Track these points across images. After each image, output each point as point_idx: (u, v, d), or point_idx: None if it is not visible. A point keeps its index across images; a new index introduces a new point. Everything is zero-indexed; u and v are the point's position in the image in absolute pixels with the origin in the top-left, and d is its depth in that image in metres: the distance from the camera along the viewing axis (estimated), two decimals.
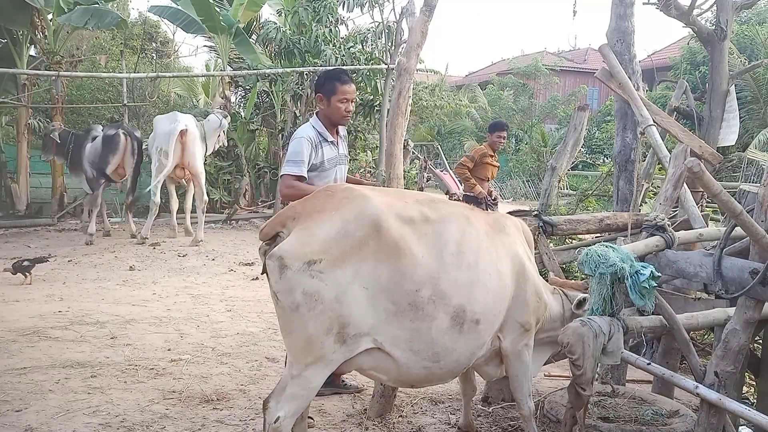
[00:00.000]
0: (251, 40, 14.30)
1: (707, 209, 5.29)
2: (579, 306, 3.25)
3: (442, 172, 11.56)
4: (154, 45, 21.20)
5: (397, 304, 2.71)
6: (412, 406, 4.14)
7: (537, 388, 4.36)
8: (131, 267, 8.26)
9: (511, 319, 3.10)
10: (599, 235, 5.20)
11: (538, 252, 4.25)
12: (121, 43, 16.88)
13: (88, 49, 18.26)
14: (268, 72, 12.49)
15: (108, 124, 11.84)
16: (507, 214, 3.78)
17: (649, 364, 3.38)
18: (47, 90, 13.66)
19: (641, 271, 3.03)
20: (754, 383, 4.07)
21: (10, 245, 9.73)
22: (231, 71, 14.21)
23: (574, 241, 6.52)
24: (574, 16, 21.21)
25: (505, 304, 3.04)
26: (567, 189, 13.93)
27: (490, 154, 7.36)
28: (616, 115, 5.61)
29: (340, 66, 11.50)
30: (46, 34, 13.01)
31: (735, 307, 3.00)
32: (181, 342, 5.26)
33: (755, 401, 3.85)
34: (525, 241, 3.32)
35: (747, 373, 3.94)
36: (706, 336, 5.22)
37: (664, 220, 3.62)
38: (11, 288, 6.88)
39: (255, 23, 15.20)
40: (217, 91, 14.85)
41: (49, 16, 12.77)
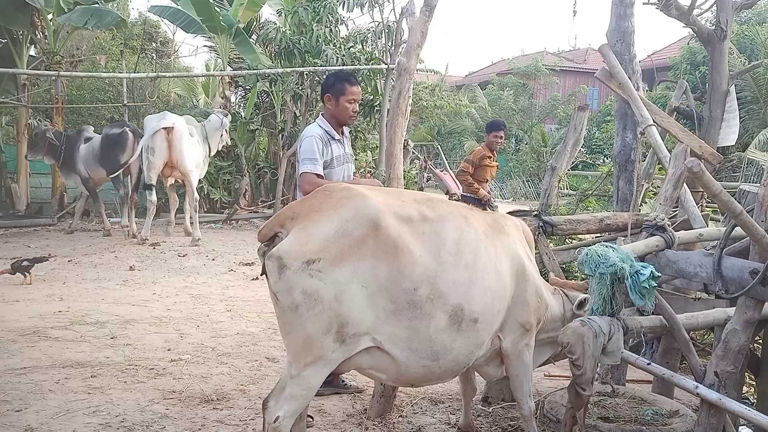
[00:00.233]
0: (251, 40, 14.30)
1: (707, 209, 5.30)
2: (580, 306, 3.24)
3: (441, 172, 11.54)
4: (154, 45, 21.18)
5: (396, 302, 2.71)
6: (412, 406, 4.14)
7: (537, 388, 4.36)
8: (131, 267, 8.26)
9: (511, 318, 3.10)
10: (599, 235, 5.20)
11: (538, 252, 4.25)
12: (121, 43, 16.88)
13: (88, 49, 18.27)
14: (268, 72, 12.49)
15: (109, 124, 11.85)
16: (507, 214, 3.78)
17: (649, 364, 3.38)
18: (47, 90, 13.67)
19: (641, 271, 3.03)
20: (754, 383, 4.06)
21: (10, 245, 9.72)
22: (231, 71, 14.22)
23: (574, 241, 6.52)
24: (574, 16, 21.22)
25: (505, 304, 3.04)
26: (567, 189, 13.95)
27: (488, 155, 7.33)
28: (616, 115, 5.61)
29: (340, 66, 11.51)
30: (46, 34, 13.02)
31: (735, 307, 3.00)
32: (181, 342, 5.26)
33: (755, 401, 3.85)
34: (525, 241, 3.32)
35: (747, 373, 3.94)
36: (706, 336, 5.22)
37: (664, 220, 3.62)
38: (11, 288, 6.88)
39: (255, 23, 15.19)
40: (217, 91, 14.85)
41: (49, 16, 12.78)
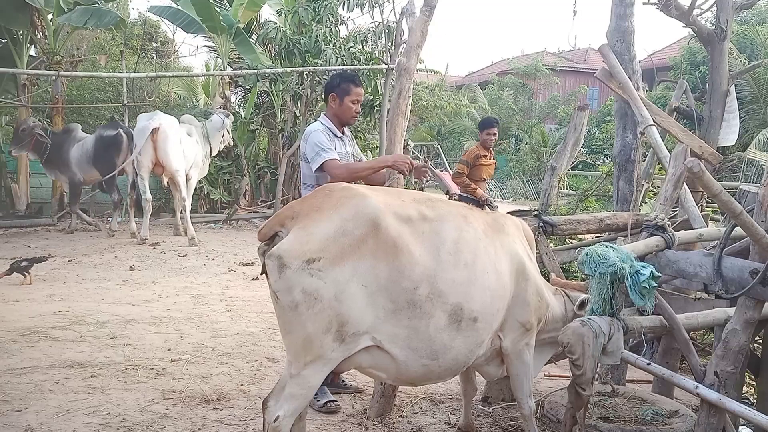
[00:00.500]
0: (251, 40, 14.30)
1: (707, 209, 5.29)
2: (581, 307, 3.24)
3: (441, 172, 11.53)
4: (154, 45, 21.18)
5: (395, 302, 2.72)
6: (412, 406, 4.14)
7: (537, 388, 4.36)
8: (131, 267, 8.26)
9: (511, 318, 3.10)
10: (599, 235, 5.20)
11: (538, 252, 4.24)
12: (121, 43, 16.88)
13: (88, 49, 18.27)
14: (268, 72, 12.48)
15: (103, 125, 11.83)
16: (507, 213, 3.78)
17: (649, 364, 3.38)
18: (47, 90, 13.67)
19: (641, 271, 3.03)
20: (754, 383, 4.06)
21: (10, 245, 9.72)
22: (231, 71, 14.22)
23: (574, 241, 6.52)
24: (574, 16, 21.15)
25: (505, 303, 3.04)
26: (567, 189, 13.94)
27: (483, 154, 7.21)
28: (616, 115, 5.61)
29: (340, 66, 11.50)
30: (46, 34, 13.01)
31: (735, 307, 3.00)
32: (181, 342, 5.26)
33: (755, 401, 3.85)
34: (525, 241, 3.32)
35: (747, 373, 3.94)
36: (706, 336, 5.22)
37: (664, 220, 3.62)
38: (11, 288, 6.87)
39: (255, 23, 15.19)
40: (217, 91, 14.86)
41: (49, 16, 12.78)
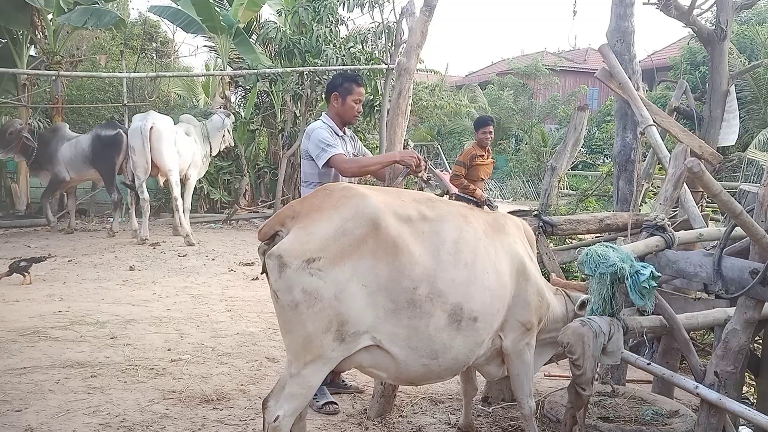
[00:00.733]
0: (251, 40, 14.31)
1: (707, 209, 5.29)
2: (582, 307, 3.24)
3: (441, 172, 11.52)
4: (154, 45, 21.18)
5: (395, 301, 2.72)
6: (412, 406, 4.14)
7: (537, 388, 4.36)
8: (131, 267, 8.26)
9: (512, 318, 3.10)
10: (599, 235, 5.20)
11: (539, 252, 4.24)
12: (121, 43, 16.88)
13: (88, 49, 18.26)
14: (268, 72, 12.49)
15: (100, 124, 11.83)
16: (507, 213, 3.78)
17: (649, 364, 3.38)
18: (47, 90, 13.67)
19: (641, 271, 3.03)
20: (754, 383, 4.06)
21: (10, 245, 9.73)
22: (231, 71, 14.22)
23: (574, 241, 6.52)
24: (574, 16, 21.20)
25: (505, 303, 3.05)
26: (567, 189, 13.93)
27: (480, 154, 7.08)
28: (616, 115, 5.61)
29: (340, 66, 11.50)
30: (46, 34, 13.02)
31: (735, 307, 3.00)
32: (181, 342, 5.26)
33: (755, 401, 3.85)
34: (526, 241, 3.31)
35: (747, 373, 3.94)
36: (706, 336, 5.21)
37: (664, 220, 3.62)
38: (11, 288, 6.88)
39: (255, 23, 15.19)
40: (217, 91, 14.87)
41: (49, 16, 12.79)
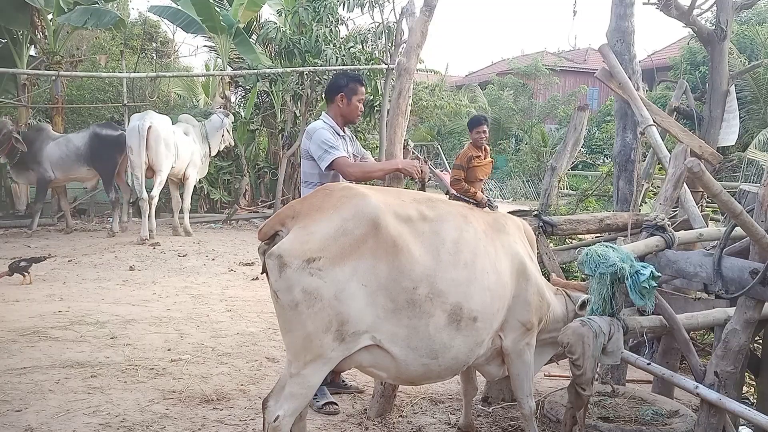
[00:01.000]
0: (251, 40, 14.30)
1: (707, 209, 5.30)
2: (582, 307, 3.24)
3: (442, 172, 11.52)
4: (154, 45, 21.17)
5: (395, 301, 2.72)
6: (412, 406, 4.14)
7: (537, 388, 4.36)
8: (131, 267, 8.26)
9: (512, 318, 3.10)
10: (599, 235, 5.20)
11: (539, 252, 4.25)
12: (121, 43, 16.87)
13: (88, 49, 18.27)
14: (268, 72, 12.49)
15: (97, 124, 11.83)
16: (508, 213, 3.78)
17: (649, 364, 3.38)
18: (47, 90, 13.67)
19: (641, 271, 3.03)
20: (754, 383, 4.06)
21: (10, 245, 9.73)
22: (231, 71, 14.22)
23: (574, 241, 6.52)
24: (574, 16, 21.22)
25: (505, 303, 3.05)
26: (567, 189, 13.93)
27: (476, 155, 6.96)
28: (616, 115, 5.61)
29: (340, 66, 11.50)
30: (46, 34, 13.02)
31: (735, 307, 3.00)
32: (181, 342, 5.26)
33: (755, 401, 3.85)
34: (526, 241, 3.32)
35: (747, 373, 3.94)
36: (706, 336, 5.21)
37: (664, 220, 3.62)
38: (11, 288, 6.87)
39: (255, 23, 15.19)
40: (217, 91, 14.86)
41: (49, 16, 12.78)
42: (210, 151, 11.48)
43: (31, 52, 13.75)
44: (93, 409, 3.82)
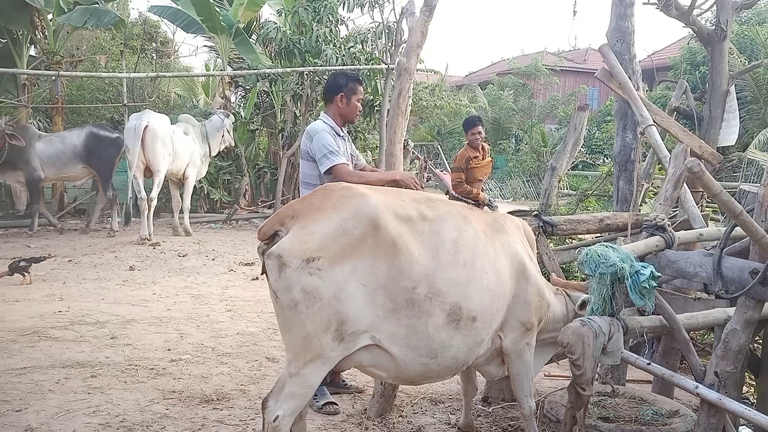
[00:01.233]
0: (251, 40, 14.30)
1: (707, 209, 5.30)
2: (582, 307, 3.24)
3: (442, 172, 11.51)
4: (154, 45, 21.16)
5: (395, 301, 2.72)
6: (412, 406, 4.14)
7: (537, 388, 4.36)
8: (131, 267, 8.26)
9: (511, 317, 3.10)
10: (599, 235, 5.19)
11: (539, 252, 4.25)
12: (121, 43, 16.87)
13: (88, 49, 18.26)
14: (268, 72, 12.49)
15: (94, 124, 11.80)
16: (507, 213, 3.78)
17: (649, 364, 3.38)
18: (47, 90, 13.66)
19: (641, 271, 3.03)
20: (754, 383, 4.06)
21: (10, 245, 9.73)
22: (231, 71, 14.22)
23: (574, 241, 6.51)
24: (574, 16, 21.24)
25: (504, 303, 3.05)
26: (567, 189, 13.93)
27: (473, 156, 6.90)
28: (616, 115, 5.61)
29: (340, 66, 11.50)
30: (46, 34, 13.02)
31: (735, 307, 3.00)
32: (181, 342, 5.26)
33: (755, 401, 3.85)
34: (526, 241, 3.32)
35: (747, 373, 3.94)
36: (706, 336, 5.21)
37: (664, 220, 3.62)
38: (11, 288, 6.87)
39: (255, 23, 15.19)
40: (217, 91, 14.86)
41: (49, 16, 12.78)
42: (210, 152, 11.48)
43: (31, 52, 13.74)
44: (93, 409, 3.82)
